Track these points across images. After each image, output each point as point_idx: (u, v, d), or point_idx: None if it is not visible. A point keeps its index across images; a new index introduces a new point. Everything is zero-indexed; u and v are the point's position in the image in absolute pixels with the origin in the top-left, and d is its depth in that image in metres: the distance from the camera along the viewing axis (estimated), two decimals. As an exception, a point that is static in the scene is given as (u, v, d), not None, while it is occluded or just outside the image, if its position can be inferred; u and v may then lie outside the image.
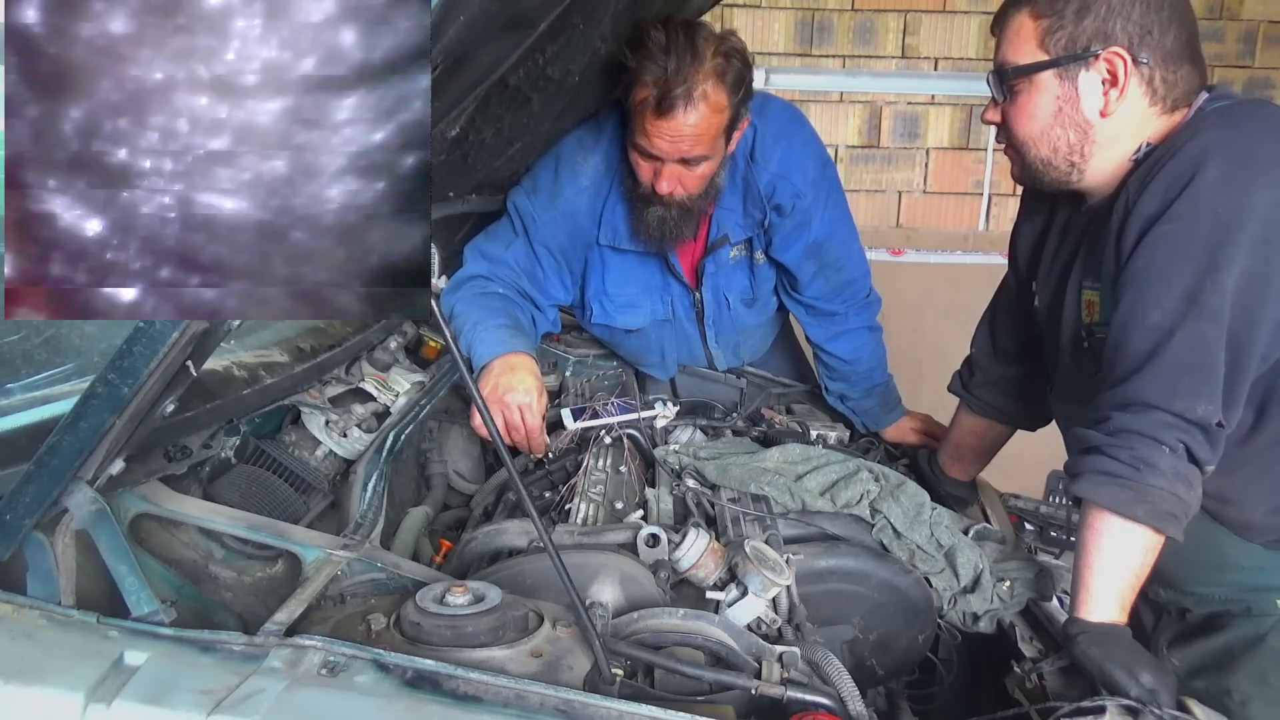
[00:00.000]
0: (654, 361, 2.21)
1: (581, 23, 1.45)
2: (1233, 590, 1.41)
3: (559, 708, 0.93)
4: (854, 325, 2.13)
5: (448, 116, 1.38)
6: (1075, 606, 1.23)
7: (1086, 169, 1.33)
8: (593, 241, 1.98)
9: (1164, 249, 1.18)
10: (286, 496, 1.45)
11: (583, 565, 1.25)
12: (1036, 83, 1.30)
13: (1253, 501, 1.34)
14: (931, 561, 1.46)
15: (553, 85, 1.57)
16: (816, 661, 1.12)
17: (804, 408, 2.26)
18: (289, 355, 1.55)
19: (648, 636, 1.13)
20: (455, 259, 1.98)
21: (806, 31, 3.99)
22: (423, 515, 1.67)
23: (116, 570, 1.03)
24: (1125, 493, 1.18)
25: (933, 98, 4.04)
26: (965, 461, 1.89)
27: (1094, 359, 1.35)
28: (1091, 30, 1.25)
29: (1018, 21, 1.30)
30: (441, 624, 1.03)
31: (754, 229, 2.00)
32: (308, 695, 0.91)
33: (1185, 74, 1.27)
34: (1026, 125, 1.34)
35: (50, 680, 0.90)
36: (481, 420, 1.23)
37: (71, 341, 1.40)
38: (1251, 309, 1.16)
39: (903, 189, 4.14)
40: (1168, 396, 1.17)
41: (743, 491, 1.53)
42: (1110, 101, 1.27)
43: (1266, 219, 1.14)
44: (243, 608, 1.25)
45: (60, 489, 1.00)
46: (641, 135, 1.73)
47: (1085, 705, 1.09)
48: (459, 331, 1.77)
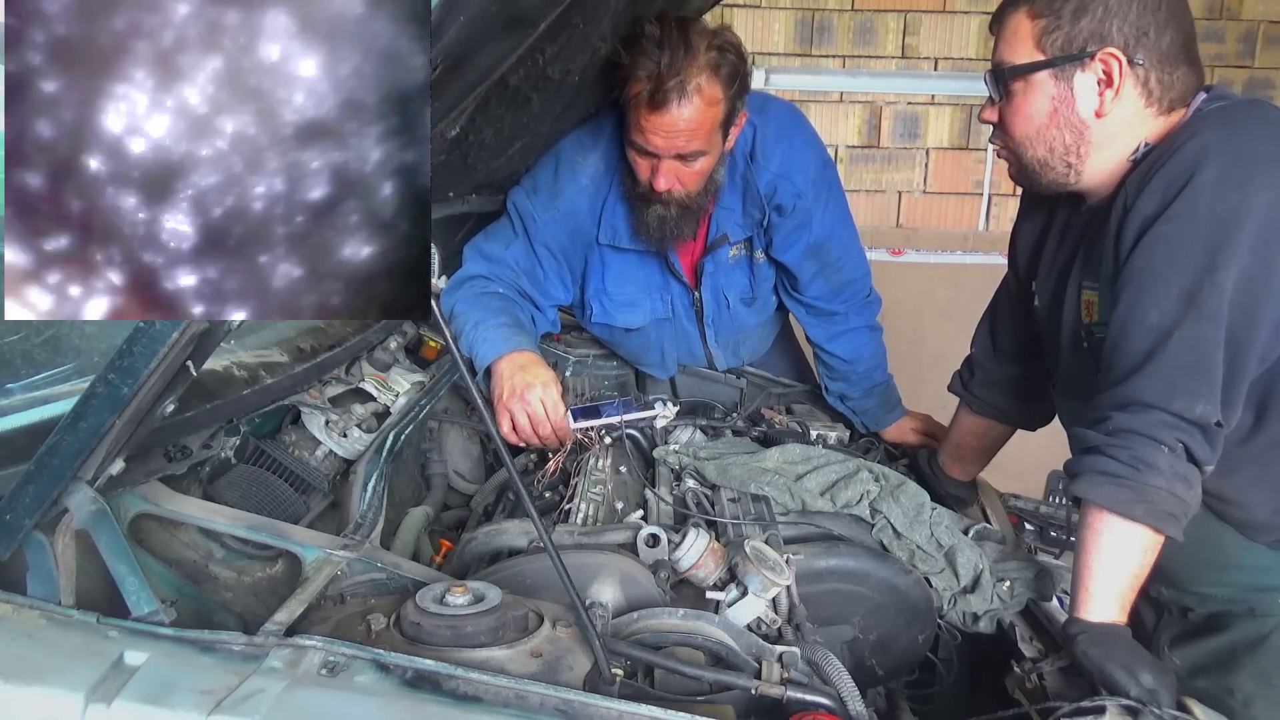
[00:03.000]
0: (654, 361, 2.21)
1: (581, 23, 1.45)
2: (1235, 590, 1.41)
3: (559, 708, 0.93)
4: (854, 325, 2.13)
5: (448, 116, 1.38)
6: (1075, 606, 1.23)
7: (1083, 169, 1.34)
8: (592, 241, 1.98)
9: (1162, 249, 1.18)
10: (286, 496, 1.45)
11: (583, 565, 1.25)
12: (1032, 83, 1.31)
13: (1256, 502, 1.34)
14: (931, 561, 1.46)
15: (553, 85, 1.57)
16: (816, 661, 1.12)
17: (804, 408, 2.26)
18: (289, 355, 1.55)
19: (648, 636, 1.13)
20: (455, 259, 1.98)
21: (806, 31, 3.99)
22: (423, 515, 1.67)
23: (116, 570, 1.03)
24: (1124, 492, 1.18)
25: (933, 98, 4.04)
26: (965, 461, 1.89)
27: (1093, 359, 1.35)
28: (1087, 31, 1.25)
29: (1015, 21, 1.31)
30: (441, 624, 1.04)
31: (753, 228, 2.00)
32: (308, 695, 0.91)
33: (1182, 75, 1.27)
34: (1023, 125, 1.34)
35: (50, 680, 0.90)
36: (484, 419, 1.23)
37: (71, 341, 1.40)
38: (1250, 309, 1.16)
39: (903, 189, 4.14)
40: (1166, 396, 1.17)
41: (743, 491, 1.54)
42: (1105, 102, 1.27)
43: (1265, 219, 1.14)
44: (243, 608, 1.25)
45: (60, 489, 1.00)
46: (637, 131, 1.73)
47: (1085, 705, 1.09)
48: (459, 332, 1.77)
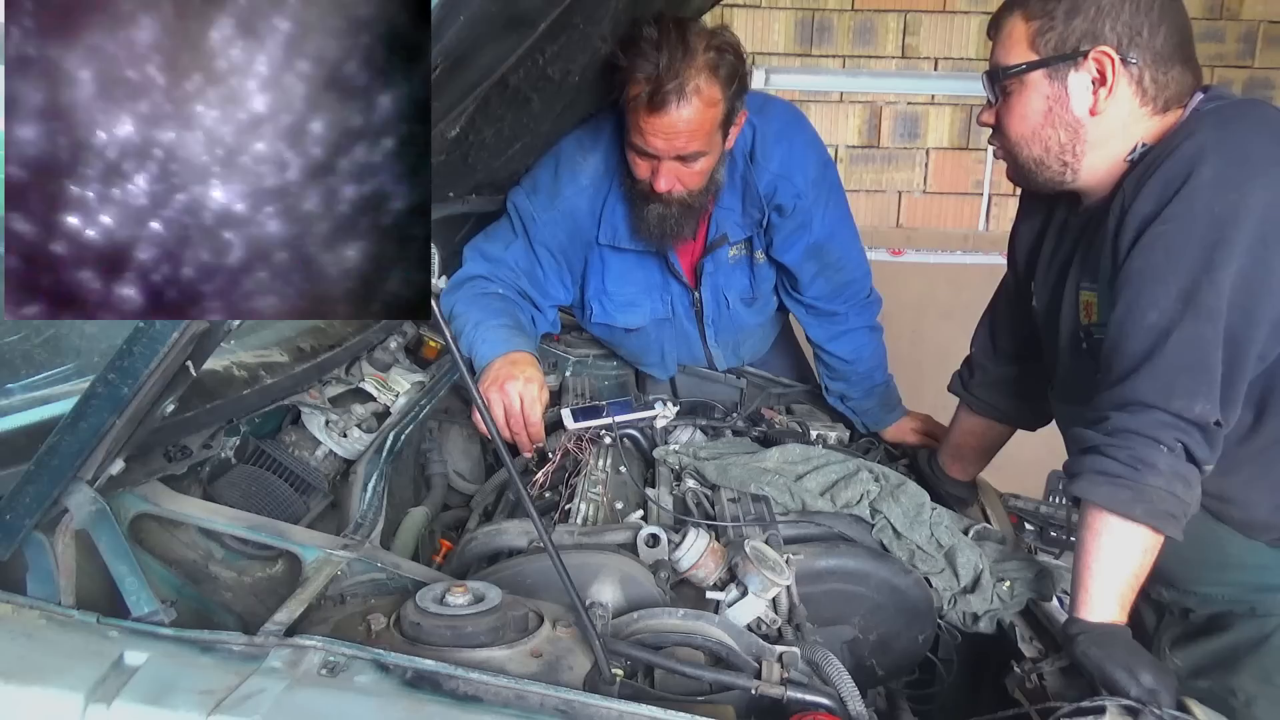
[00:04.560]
0: (654, 361, 2.21)
1: (581, 23, 1.45)
2: (1237, 590, 1.41)
3: (559, 708, 0.93)
4: (854, 325, 2.13)
5: (448, 116, 1.38)
6: (1075, 606, 1.23)
7: (1080, 169, 1.34)
8: (592, 241, 1.98)
9: (1160, 249, 1.19)
10: (286, 496, 1.45)
11: (583, 565, 1.25)
12: (1027, 83, 1.32)
13: (1256, 501, 1.34)
14: (931, 561, 1.46)
15: (553, 85, 1.57)
16: (816, 661, 1.12)
17: (804, 408, 2.26)
18: (289, 355, 1.55)
19: (648, 636, 1.13)
20: (455, 259, 1.98)
21: (806, 31, 3.99)
22: (423, 515, 1.67)
23: (116, 570, 1.03)
24: (1124, 492, 1.18)
25: (933, 98, 4.04)
26: (965, 461, 1.89)
27: (1092, 360, 1.35)
28: (1080, 31, 1.26)
29: (1010, 24, 1.32)
30: (441, 624, 1.03)
31: (753, 228, 2.00)
32: (308, 695, 0.91)
33: (1177, 75, 1.28)
34: (1019, 126, 1.35)
35: (50, 680, 0.90)
36: (481, 418, 1.23)
37: (71, 341, 1.40)
38: (1248, 308, 1.17)
39: (903, 189, 4.14)
40: (1165, 396, 1.17)
41: (743, 491, 1.54)
42: (1099, 100, 1.28)
43: (1262, 218, 1.14)
44: (243, 608, 1.25)
45: (60, 489, 1.00)
46: (636, 133, 1.73)
47: (1085, 705, 1.09)
48: (459, 332, 1.77)
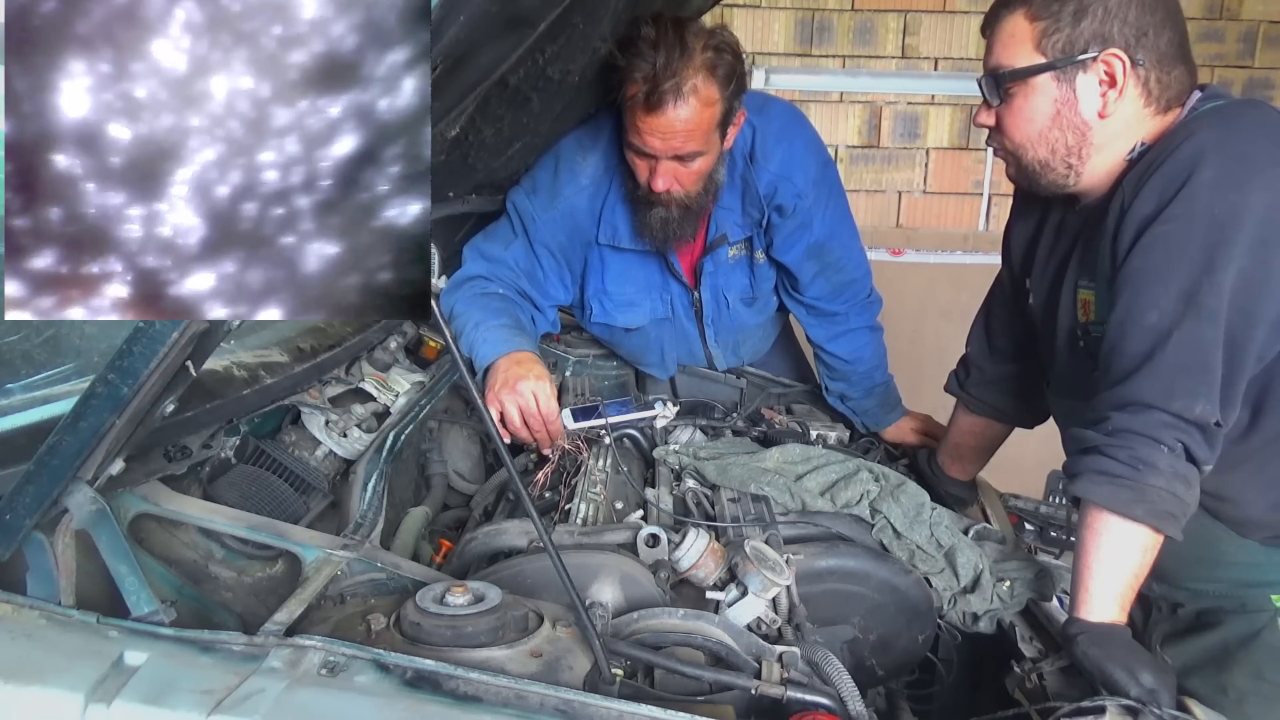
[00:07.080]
0: (654, 361, 2.21)
1: (581, 23, 1.45)
2: (1227, 586, 1.41)
3: (559, 708, 0.93)
4: (855, 325, 2.13)
5: (448, 116, 1.38)
6: (1075, 606, 1.23)
7: (1084, 171, 1.33)
8: (592, 241, 1.98)
9: (1161, 250, 1.19)
10: (286, 496, 1.45)
11: (583, 565, 1.25)
12: (1033, 85, 1.30)
13: (1250, 499, 1.35)
14: (931, 561, 1.46)
15: (553, 85, 1.57)
16: (816, 661, 1.12)
17: (804, 408, 2.26)
18: (289, 355, 1.55)
19: (648, 636, 1.13)
20: (455, 259, 1.98)
21: (806, 31, 3.99)
22: (423, 515, 1.67)
23: (116, 570, 1.03)
24: (1124, 492, 1.18)
25: (933, 98, 4.04)
26: (964, 461, 1.89)
27: (1090, 357, 1.35)
28: (1089, 32, 1.25)
29: (1012, 23, 1.30)
30: (441, 624, 1.04)
31: (753, 228, 2.00)
32: (308, 695, 0.91)
33: (1178, 74, 1.28)
34: (1023, 128, 1.34)
35: (50, 680, 0.90)
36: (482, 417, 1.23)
37: (71, 341, 1.40)
38: (1248, 308, 1.17)
39: (903, 189, 4.14)
40: (1166, 396, 1.17)
41: (743, 491, 1.54)
42: (1109, 103, 1.27)
43: (1262, 219, 1.14)
44: (243, 608, 1.25)
45: (60, 489, 1.00)
46: (634, 133, 1.73)
47: (1085, 705, 1.09)
48: (459, 332, 1.77)
